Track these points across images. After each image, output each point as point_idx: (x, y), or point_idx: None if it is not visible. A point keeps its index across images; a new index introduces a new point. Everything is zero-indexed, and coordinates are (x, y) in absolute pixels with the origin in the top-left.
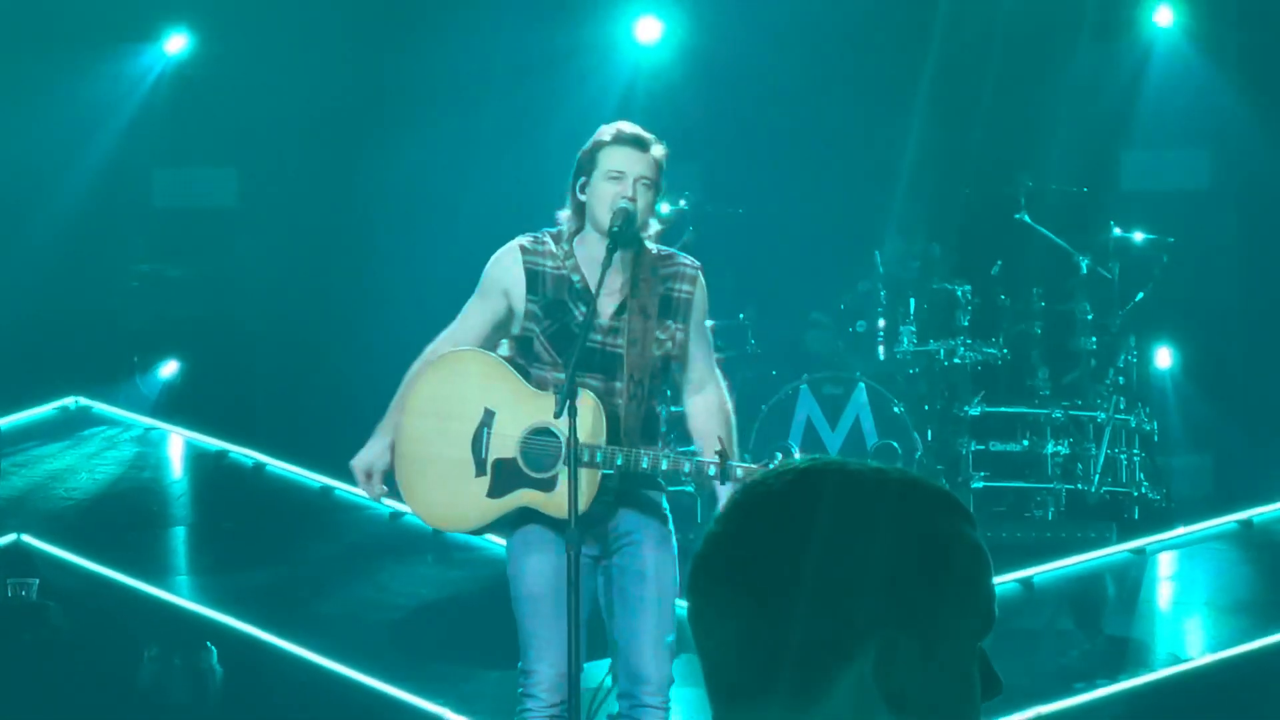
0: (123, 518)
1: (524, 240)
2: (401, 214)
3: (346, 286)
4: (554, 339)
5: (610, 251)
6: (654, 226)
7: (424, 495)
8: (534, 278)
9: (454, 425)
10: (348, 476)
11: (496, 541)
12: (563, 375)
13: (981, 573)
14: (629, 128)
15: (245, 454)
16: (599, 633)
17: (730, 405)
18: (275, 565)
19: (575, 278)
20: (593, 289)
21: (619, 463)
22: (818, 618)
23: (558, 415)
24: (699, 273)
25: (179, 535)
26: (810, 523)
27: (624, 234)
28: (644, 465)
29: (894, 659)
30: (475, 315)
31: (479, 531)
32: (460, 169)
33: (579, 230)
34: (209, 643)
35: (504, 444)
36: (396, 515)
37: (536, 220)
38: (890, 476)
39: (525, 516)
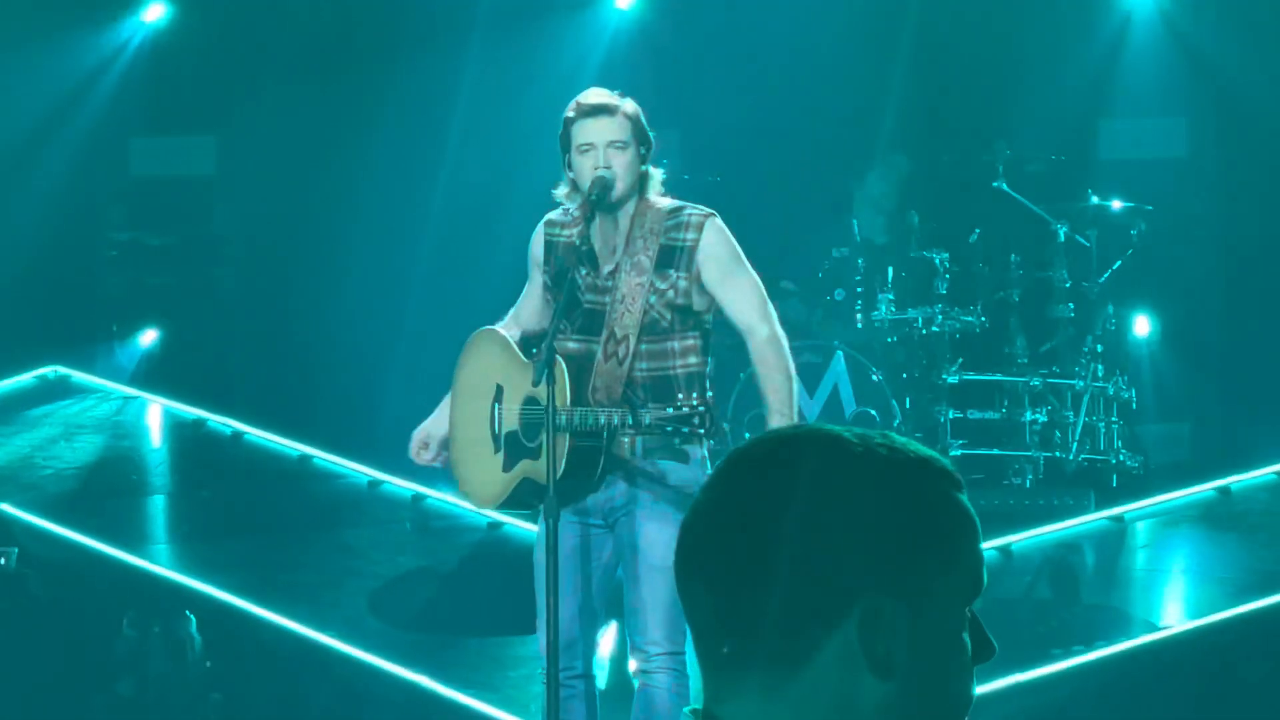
0: (101, 486)
1: (553, 214)
2: (380, 182)
3: (324, 255)
4: (563, 311)
5: (589, 219)
6: (656, 177)
7: (464, 475)
8: (550, 249)
9: (478, 404)
10: (325, 444)
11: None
12: (570, 344)
13: (967, 537)
14: (589, 98)
15: (223, 422)
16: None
17: (774, 351)
18: (253, 534)
19: (581, 244)
20: (598, 254)
21: (576, 421)
22: (800, 584)
23: (535, 383)
24: (707, 219)
25: (157, 504)
26: (792, 489)
27: (603, 200)
28: (588, 423)
29: (879, 624)
30: (525, 292)
31: (506, 505)
32: (438, 139)
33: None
34: (188, 611)
35: (510, 417)
36: (375, 484)
37: (514, 187)
38: (874, 441)
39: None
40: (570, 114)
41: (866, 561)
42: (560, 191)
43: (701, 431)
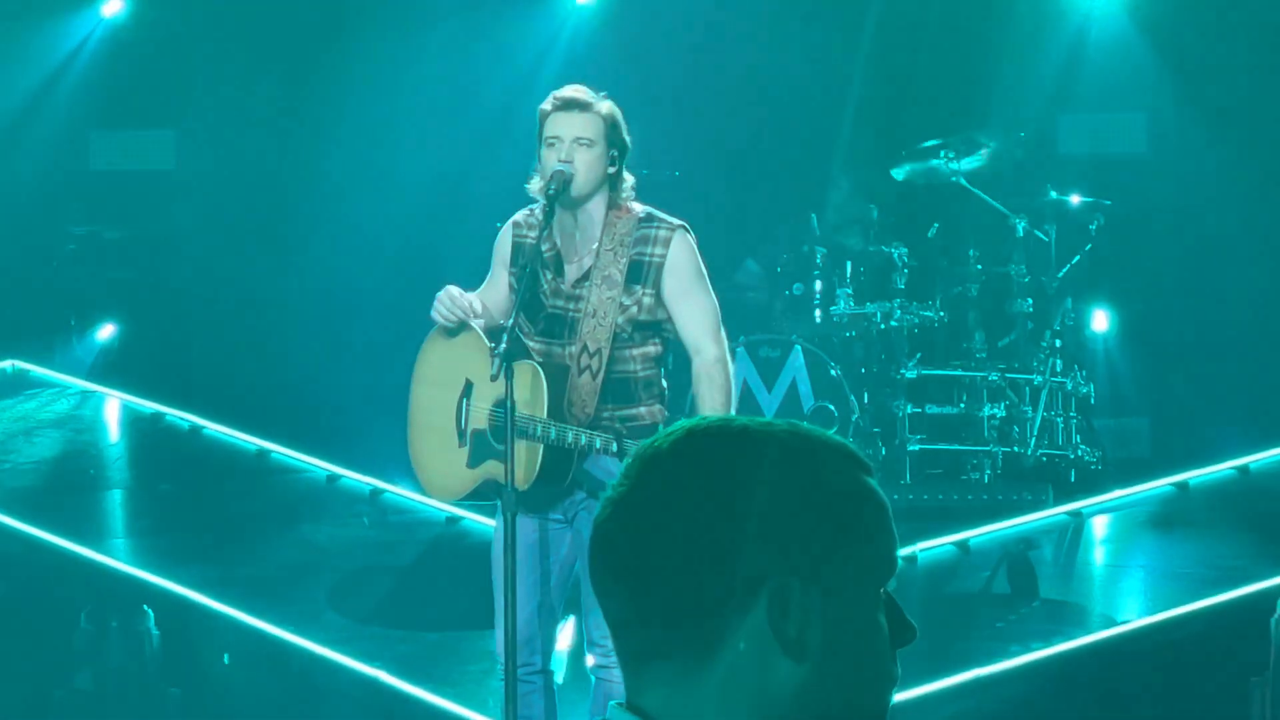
0: (59, 481)
1: (520, 214)
2: (338, 176)
3: (283, 249)
4: (525, 307)
5: (548, 215)
6: (628, 183)
7: (423, 462)
8: (517, 250)
9: (445, 394)
10: (284, 439)
11: (441, 508)
12: (533, 344)
13: (875, 518)
14: (565, 92)
15: (182, 416)
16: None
17: (720, 371)
18: (211, 528)
19: (546, 249)
20: (563, 256)
21: (553, 436)
22: (707, 570)
23: (494, 377)
24: (675, 232)
25: (115, 498)
26: (695, 478)
27: (560, 196)
28: (568, 440)
29: (788, 606)
30: (487, 286)
31: (467, 499)
32: (397, 133)
33: None
34: (145, 605)
35: (479, 415)
36: (334, 478)
37: (474, 181)
38: (777, 429)
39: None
40: (545, 107)
41: (771, 545)
42: (532, 185)
43: (614, 449)
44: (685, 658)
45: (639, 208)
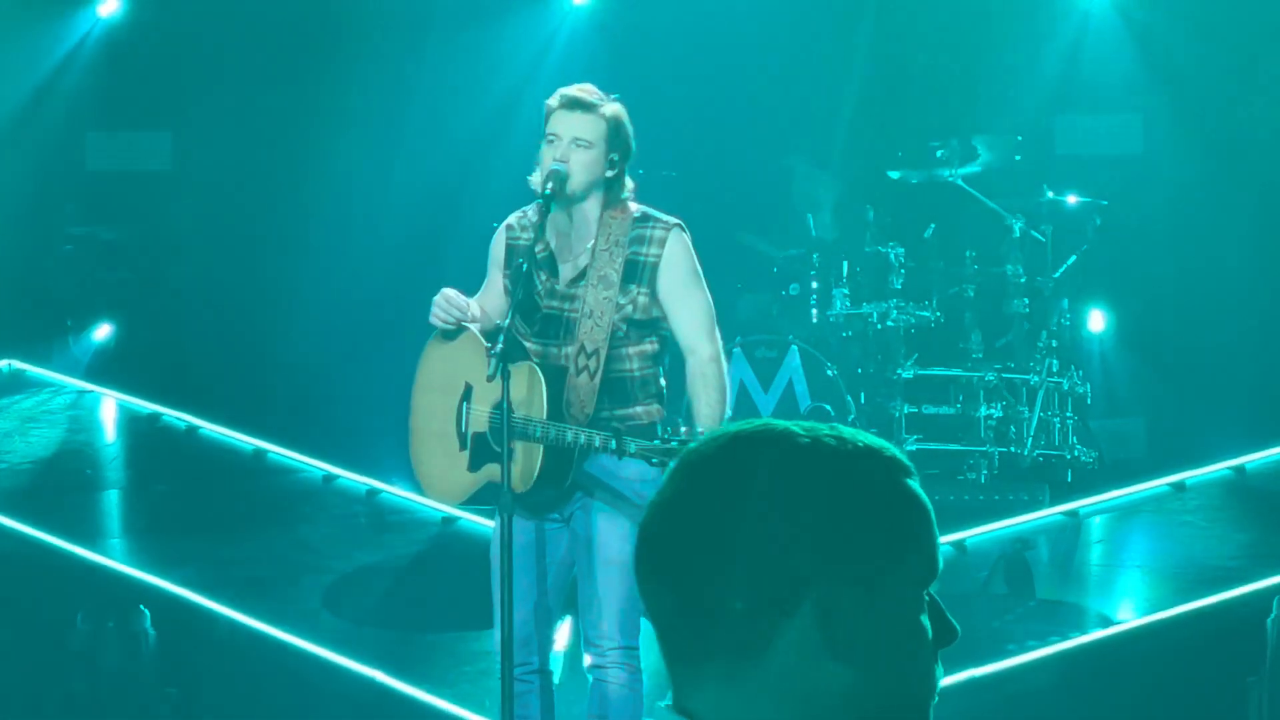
0: (56, 481)
1: (513, 217)
2: (335, 177)
3: (280, 250)
4: (521, 309)
5: (544, 214)
6: (627, 187)
7: (424, 467)
8: (511, 253)
9: (445, 399)
10: (281, 440)
11: (437, 508)
12: (530, 345)
13: (919, 522)
14: (571, 90)
15: (178, 417)
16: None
17: (715, 370)
18: (208, 528)
19: (540, 250)
20: (556, 256)
21: (551, 436)
22: (755, 575)
23: (490, 378)
24: (670, 231)
25: (112, 498)
26: (743, 483)
27: (556, 196)
28: (566, 439)
29: (835, 610)
30: (484, 290)
31: (469, 503)
32: (395, 133)
33: None
34: (142, 606)
35: (479, 418)
36: (330, 478)
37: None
38: (822, 433)
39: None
40: (551, 102)
41: (818, 550)
42: (532, 179)
43: (612, 445)
44: (732, 660)
45: (634, 207)
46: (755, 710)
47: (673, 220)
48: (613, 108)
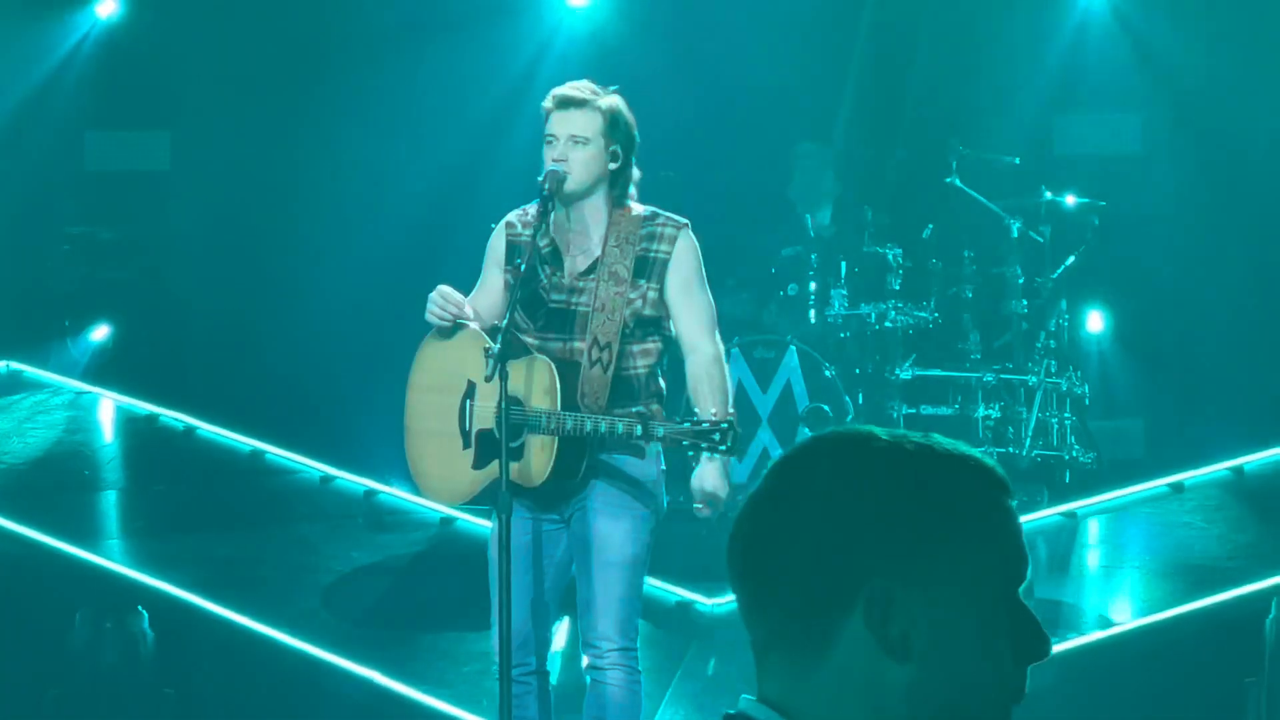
0: (53, 481)
1: (513, 214)
2: (334, 178)
3: (278, 251)
4: (524, 304)
5: (544, 214)
6: (635, 175)
7: (424, 468)
8: (512, 250)
9: (445, 399)
10: (278, 440)
11: (435, 509)
12: (530, 340)
13: (991, 526)
14: (562, 89)
15: (176, 417)
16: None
17: (718, 370)
18: (206, 529)
19: (544, 245)
20: (561, 250)
21: (569, 426)
22: (811, 571)
23: (488, 379)
24: (680, 231)
25: (110, 499)
26: (810, 481)
27: (556, 195)
28: (586, 428)
29: (888, 608)
30: (481, 288)
31: (473, 503)
32: (393, 134)
33: None
34: (140, 607)
35: (484, 415)
36: (327, 479)
37: (470, 183)
38: (906, 437)
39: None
40: (546, 104)
41: (872, 547)
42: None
43: (723, 448)
44: (800, 652)
45: (641, 208)
46: (822, 703)
47: (682, 220)
48: (609, 100)
